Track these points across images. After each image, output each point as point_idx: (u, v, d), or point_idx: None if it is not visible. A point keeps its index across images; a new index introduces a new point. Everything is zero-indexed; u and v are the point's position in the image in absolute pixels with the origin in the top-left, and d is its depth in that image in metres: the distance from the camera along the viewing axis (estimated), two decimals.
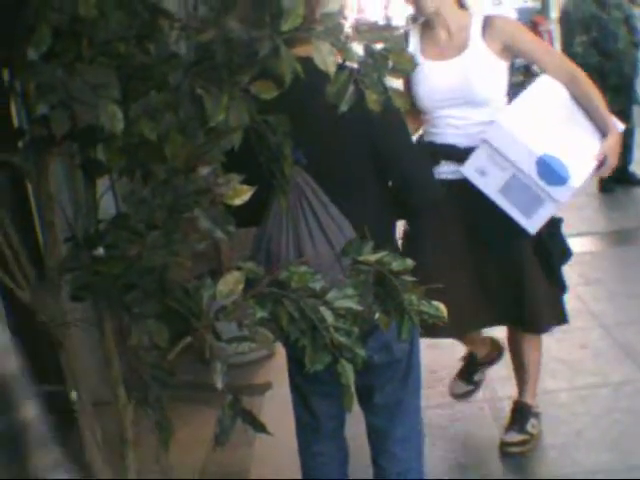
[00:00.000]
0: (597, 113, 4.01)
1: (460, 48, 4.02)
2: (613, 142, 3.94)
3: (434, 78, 4.02)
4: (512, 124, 3.87)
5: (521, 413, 4.58)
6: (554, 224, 4.14)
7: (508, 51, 4.03)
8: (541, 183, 3.82)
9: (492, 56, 3.98)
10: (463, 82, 3.98)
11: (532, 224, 3.94)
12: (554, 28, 15.04)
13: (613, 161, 3.95)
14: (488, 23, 3.99)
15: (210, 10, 2.49)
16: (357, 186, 2.94)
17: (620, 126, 4.07)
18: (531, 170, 3.80)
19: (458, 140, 4.05)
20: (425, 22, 4.14)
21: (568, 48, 9.25)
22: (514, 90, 4.25)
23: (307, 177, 2.82)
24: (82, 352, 2.42)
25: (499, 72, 4.04)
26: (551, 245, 4.17)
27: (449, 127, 4.05)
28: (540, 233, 4.01)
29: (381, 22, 2.42)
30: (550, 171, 3.80)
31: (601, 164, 3.95)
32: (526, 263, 4.15)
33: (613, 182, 9.43)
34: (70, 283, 2.05)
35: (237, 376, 3.32)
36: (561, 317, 4.37)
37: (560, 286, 4.33)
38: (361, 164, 2.93)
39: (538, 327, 4.36)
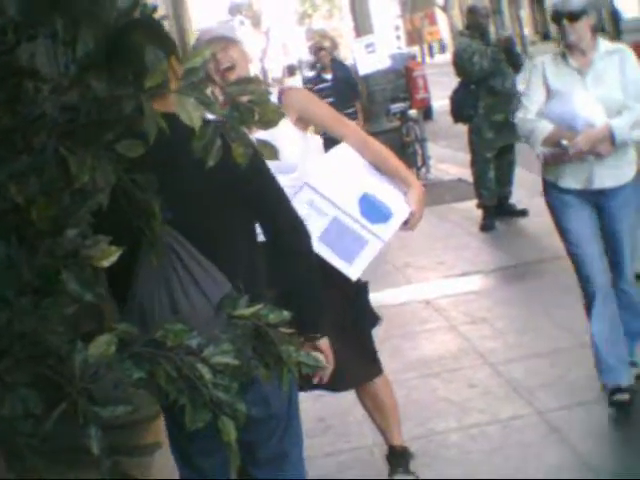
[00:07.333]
0: (396, 172, 4.16)
1: None
2: (418, 194, 4.07)
3: None
4: (334, 167, 3.97)
5: (402, 455, 4.49)
6: (360, 291, 4.21)
7: (302, 121, 4.13)
8: (365, 222, 3.87)
9: (290, 126, 4.03)
10: None
11: (354, 270, 3.93)
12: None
13: (419, 211, 4.08)
14: (282, 95, 4.10)
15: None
16: (227, 237, 2.93)
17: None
18: (354, 210, 3.86)
19: None
20: None
21: (469, 76, 9.48)
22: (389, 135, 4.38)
23: (174, 233, 2.80)
24: None
25: (298, 140, 4.10)
26: (360, 313, 4.22)
27: None
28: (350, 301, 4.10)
29: (255, 73, 2.44)
30: (374, 209, 3.88)
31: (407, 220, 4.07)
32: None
33: (493, 217, 9.66)
34: None
35: (125, 436, 3.25)
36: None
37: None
38: (229, 215, 2.93)
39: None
